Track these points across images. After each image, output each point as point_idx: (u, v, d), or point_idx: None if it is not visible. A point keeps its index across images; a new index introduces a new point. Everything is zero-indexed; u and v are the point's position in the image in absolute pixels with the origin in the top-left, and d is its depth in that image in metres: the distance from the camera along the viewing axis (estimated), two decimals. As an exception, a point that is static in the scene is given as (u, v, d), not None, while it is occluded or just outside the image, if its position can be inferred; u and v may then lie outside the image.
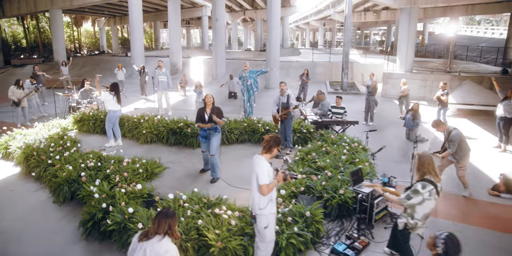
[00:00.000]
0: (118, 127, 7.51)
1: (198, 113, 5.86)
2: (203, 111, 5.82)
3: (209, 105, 5.78)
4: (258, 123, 7.86)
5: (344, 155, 6.65)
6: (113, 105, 7.33)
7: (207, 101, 5.78)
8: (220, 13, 17.69)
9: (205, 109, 5.84)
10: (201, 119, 5.81)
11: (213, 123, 5.81)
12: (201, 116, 5.82)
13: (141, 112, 10.10)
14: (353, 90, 17.72)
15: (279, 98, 7.17)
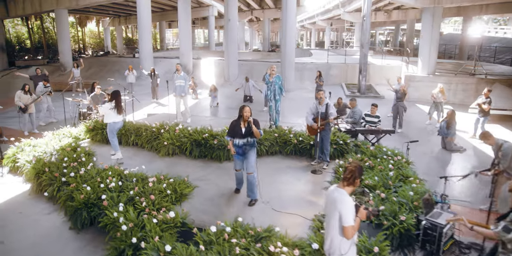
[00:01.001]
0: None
1: (232, 126, 5.14)
2: (238, 125, 5.10)
3: (246, 119, 5.05)
4: (289, 133, 7.16)
5: (391, 171, 5.96)
6: (113, 116, 6.61)
7: (245, 114, 5.03)
8: (232, 13, 17.01)
9: (240, 122, 5.11)
10: (235, 134, 5.09)
11: (250, 137, 5.12)
12: (235, 131, 5.10)
13: (156, 119, 9.42)
14: (370, 93, 17.00)
15: (316, 107, 6.46)
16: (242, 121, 5.10)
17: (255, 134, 5.07)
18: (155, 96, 14.40)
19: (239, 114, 5.11)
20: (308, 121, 6.45)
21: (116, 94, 6.67)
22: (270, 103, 8.30)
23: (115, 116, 6.70)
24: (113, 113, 6.62)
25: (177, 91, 8.66)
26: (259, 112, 12.59)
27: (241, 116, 5.08)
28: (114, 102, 6.61)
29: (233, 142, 5.15)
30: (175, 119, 8.90)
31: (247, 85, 13.94)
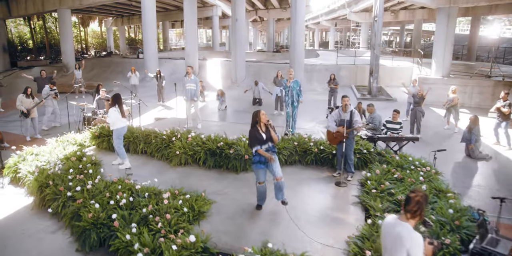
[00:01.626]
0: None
1: (253, 135, 4.72)
2: (258, 131, 4.72)
3: (264, 123, 4.67)
4: (309, 142, 6.69)
5: (423, 184, 5.49)
6: (120, 121, 6.24)
7: (263, 118, 4.64)
8: (240, 13, 16.55)
9: (259, 128, 4.72)
10: (259, 141, 4.66)
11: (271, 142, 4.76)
12: (258, 138, 4.68)
13: (164, 124, 8.98)
14: (382, 95, 16.52)
15: (339, 115, 6.00)
16: (259, 126, 4.71)
17: (273, 138, 4.75)
18: (161, 99, 13.96)
19: (253, 120, 4.78)
20: (331, 128, 5.98)
21: (117, 98, 6.26)
22: (287, 110, 7.83)
23: (121, 121, 6.30)
24: (119, 118, 6.23)
25: (188, 95, 8.20)
26: (269, 115, 12.08)
27: (257, 122, 4.73)
28: (117, 106, 6.20)
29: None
30: (185, 124, 8.43)
31: (257, 88, 13.49)
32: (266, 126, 4.77)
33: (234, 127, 8.84)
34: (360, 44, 35.76)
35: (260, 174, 4.82)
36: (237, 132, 8.05)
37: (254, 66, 18.32)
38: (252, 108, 13.43)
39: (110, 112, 6.17)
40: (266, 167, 4.82)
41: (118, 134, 6.29)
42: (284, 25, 53.23)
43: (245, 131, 8.04)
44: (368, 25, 35.62)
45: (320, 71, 18.12)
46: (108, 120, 6.23)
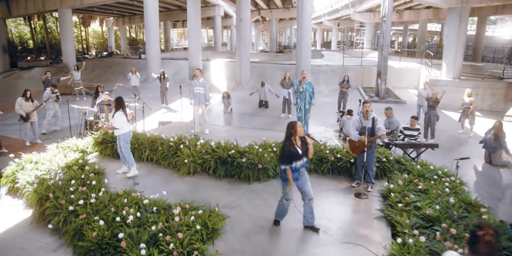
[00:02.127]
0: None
1: (287, 150, 4.25)
2: (294, 145, 4.26)
3: (300, 135, 4.24)
4: (325, 149, 6.32)
5: (450, 197, 5.11)
6: (127, 125, 5.95)
7: (299, 130, 4.24)
8: (245, 13, 16.18)
9: (293, 141, 4.28)
10: (293, 157, 4.24)
11: (305, 156, 4.37)
12: (294, 153, 4.24)
13: (170, 129, 8.61)
14: (390, 97, 16.15)
15: (360, 122, 5.62)
16: (295, 139, 4.29)
17: (309, 153, 4.34)
18: (165, 101, 13.58)
19: (288, 132, 4.33)
20: (354, 137, 5.60)
21: (121, 101, 5.91)
22: (299, 114, 7.46)
23: (127, 124, 5.96)
24: (125, 122, 5.89)
25: (196, 99, 7.82)
26: (277, 119, 11.80)
27: (292, 134, 4.29)
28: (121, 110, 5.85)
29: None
30: (191, 129, 8.05)
31: (263, 89, 13.12)
32: (301, 139, 4.34)
33: (242, 132, 8.46)
34: (364, 45, 35.37)
35: (291, 190, 4.40)
36: (247, 138, 7.68)
37: (258, 67, 17.94)
38: (259, 110, 13.07)
39: (117, 117, 5.80)
40: (297, 185, 4.41)
41: (125, 139, 5.94)
42: (286, 25, 52.88)
43: (254, 137, 7.68)
44: (373, 25, 35.28)
45: (326, 72, 17.74)
46: (116, 125, 5.84)
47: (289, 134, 4.31)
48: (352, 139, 5.64)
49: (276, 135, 7.92)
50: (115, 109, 5.86)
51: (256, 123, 11.27)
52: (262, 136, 7.87)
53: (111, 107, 6.02)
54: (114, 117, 5.82)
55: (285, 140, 4.35)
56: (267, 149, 6.14)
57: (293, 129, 4.28)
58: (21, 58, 29.59)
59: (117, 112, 5.83)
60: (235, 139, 6.49)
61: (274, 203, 5.17)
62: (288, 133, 4.33)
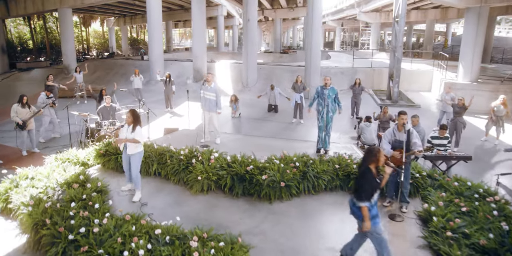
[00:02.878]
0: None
1: (370, 182, 3.56)
2: (373, 175, 3.59)
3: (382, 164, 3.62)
4: (352, 163, 5.71)
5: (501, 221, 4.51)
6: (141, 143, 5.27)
7: (382, 160, 3.59)
8: (252, 13, 15.58)
9: (372, 170, 3.60)
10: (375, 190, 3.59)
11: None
12: (376, 186, 3.58)
13: (178, 138, 8.01)
14: (402, 100, 15.53)
15: (392, 134, 5.01)
16: (373, 167, 3.63)
17: (382, 183, 3.71)
18: (169, 105, 12.98)
19: (369, 160, 3.62)
20: (386, 152, 4.99)
21: (137, 114, 5.26)
22: (320, 123, 6.84)
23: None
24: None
25: (206, 106, 7.20)
26: (288, 124, 11.20)
27: (373, 163, 3.61)
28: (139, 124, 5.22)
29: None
30: (201, 138, 7.44)
31: (272, 93, 12.51)
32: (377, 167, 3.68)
33: (255, 141, 7.86)
34: (370, 46, 34.76)
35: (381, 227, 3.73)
36: (261, 148, 7.09)
37: (265, 68, 17.33)
38: (268, 115, 12.47)
39: (139, 131, 5.12)
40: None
41: (140, 158, 5.30)
42: (288, 25, 52.27)
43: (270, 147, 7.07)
44: (378, 26, 34.66)
45: (336, 74, 17.11)
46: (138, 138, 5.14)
47: (369, 162, 3.61)
48: (384, 151, 5.03)
49: (295, 146, 7.33)
50: (133, 124, 5.16)
51: (266, 129, 10.67)
52: (277, 146, 7.30)
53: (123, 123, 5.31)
54: (136, 132, 5.10)
55: (363, 170, 3.62)
56: (289, 164, 5.53)
57: (375, 157, 3.58)
58: (21, 59, 29.02)
59: (138, 127, 5.16)
60: (253, 153, 5.87)
61: (301, 229, 4.58)
62: (367, 161, 3.63)
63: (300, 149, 7.06)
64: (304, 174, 5.45)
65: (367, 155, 3.66)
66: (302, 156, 5.88)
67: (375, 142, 8.98)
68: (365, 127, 8.95)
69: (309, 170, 5.47)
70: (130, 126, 5.16)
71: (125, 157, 5.32)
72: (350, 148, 7.31)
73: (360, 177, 3.62)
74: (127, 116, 5.20)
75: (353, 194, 3.65)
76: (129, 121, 5.17)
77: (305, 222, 4.76)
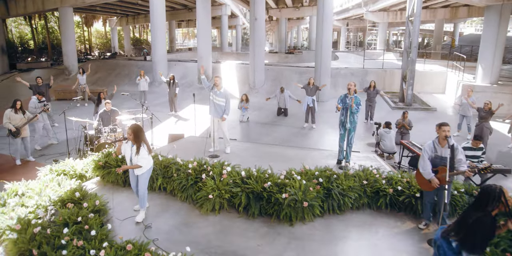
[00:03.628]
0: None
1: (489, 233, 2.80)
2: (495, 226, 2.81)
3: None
4: (381, 178, 5.07)
5: None
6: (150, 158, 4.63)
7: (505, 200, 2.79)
8: (259, 12, 14.95)
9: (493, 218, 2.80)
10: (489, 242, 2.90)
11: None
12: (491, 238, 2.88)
13: (183, 146, 7.39)
14: (416, 103, 14.86)
15: (433, 149, 4.36)
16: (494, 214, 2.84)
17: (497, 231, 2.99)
18: (174, 108, 12.36)
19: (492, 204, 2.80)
20: (426, 171, 4.32)
21: (140, 131, 4.54)
22: (341, 131, 6.19)
23: (150, 156, 4.66)
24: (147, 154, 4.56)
25: (215, 112, 6.59)
26: (299, 129, 10.57)
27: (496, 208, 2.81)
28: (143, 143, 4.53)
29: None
30: (210, 147, 6.81)
31: (282, 96, 11.87)
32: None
33: (267, 150, 7.21)
34: (378, 45, 34.07)
35: None
36: (275, 158, 6.48)
37: (273, 70, 16.69)
38: (277, 119, 11.83)
39: (143, 154, 4.44)
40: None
41: (148, 176, 4.68)
42: (293, 25, 51.60)
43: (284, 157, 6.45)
44: (386, 25, 33.96)
45: (346, 76, 16.48)
46: (141, 164, 4.49)
47: (492, 207, 2.81)
48: (424, 173, 4.36)
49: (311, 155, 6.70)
50: (136, 143, 4.47)
51: (276, 134, 10.04)
52: (293, 155, 6.68)
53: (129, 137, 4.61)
54: (141, 155, 4.44)
55: (483, 217, 2.79)
56: (311, 180, 4.90)
57: (499, 200, 2.78)
58: (22, 59, 28.53)
59: (142, 148, 4.47)
60: (270, 167, 5.24)
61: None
62: (489, 206, 2.81)
63: (319, 160, 6.44)
64: (329, 192, 4.82)
65: (489, 199, 2.83)
66: (324, 170, 5.24)
67: (395, 150, 8.35)
68: (384, 133, 8.33)
69: (334, 187, 4.84)
70: (134, 146, 4.52)
71: (132, 177, 4.69)
72: (373, 158, 6.67)
73: (477, 225, 2.81)
74: (128, 133, 4.53)
75: (461, 242, 2.83)
76: (131, 139, 4.52)
77: (333, 248, 4.14)
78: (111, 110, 8.11)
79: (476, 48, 32.73)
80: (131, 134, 4.48)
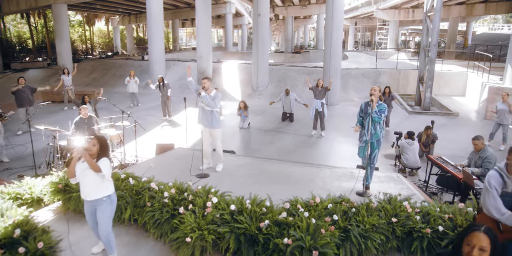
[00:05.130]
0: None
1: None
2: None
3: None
4: (413, 213, 3.86)
5: None
6: (111, 182, 3.50)
7: None
8: (263, 8, 13.79)
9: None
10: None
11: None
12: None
13: (168, 161, 6.25)
14: (434, 107, 13.57)
15: (501, 182, 3.07)
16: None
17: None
18: (167, 113, 11.24)
19: None
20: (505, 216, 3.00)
21: (106, 144, 3.45)
22: (362, 144, 4.97)
23: (111, 181, 3.54)
24: (110, 175, 3.45)
25: (205, 120, 5.43)
26: (306, 138, 9.37)
27: None
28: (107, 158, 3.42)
29: None
30: (200, 165, 5.64)
31: (288, 99, 10.69)
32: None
33: (268, 168, 5.99)
34: (388, 45, 32.72)
35: None
36: (277, 179, 5.30)
37: (278, 70, 15.49)
38: (282, 125, 10.64)
39: (105, 165, 3.33)
40: None
41: (111, 207, 3.51)
42: (299, 24, 50.36)
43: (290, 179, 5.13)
44: (397, 24, 32.58)
45: (357, 77, 15.23)
46: (104, 170, 3.28)
47: None
48: (503, 219, 3.05)
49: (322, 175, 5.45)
50: (99, 154, 3.38)
51: (280, 143, 8.86)
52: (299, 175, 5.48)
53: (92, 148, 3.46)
54: (100, 162, 3.31)
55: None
56: (323, 217, 3.71)
57: None
58: (19, 58, 27.70)
59: (103, 159, 3.36)
60: (268, 197, 4.05)
61: None
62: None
63: (331, 182, 5.25)
64: (346, 233, 3.63)
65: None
66: (340, 201, 4.05)
67: (419, 165, 7.12)
68: (407, 145, 7.10)
69: (353, 227, 3.65)
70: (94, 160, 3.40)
71: (87, 206, 3.55)
72: (398, 179, 5.43)
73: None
74: (92, 144, 3.40)
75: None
76: (94, 151, 3.38)
77: None
78: (89, 117, 7.02)
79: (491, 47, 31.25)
80: (96, 144, 3.36)
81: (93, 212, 3.47)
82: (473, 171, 5.40)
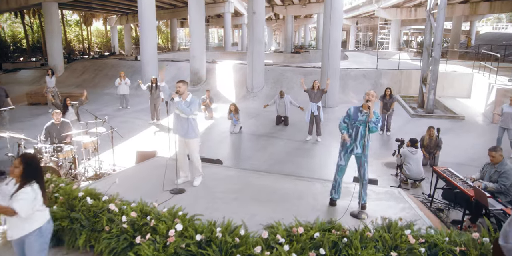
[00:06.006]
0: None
1: None
2: None
3: None
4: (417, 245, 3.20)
5: None
6: (42, 211, 2.90)
7: None
8: (258, 5, 13.15)
9: None
10: None
11: None
12: None
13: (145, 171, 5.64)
14: (438, 109, 12.90)
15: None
16: None
17: None
18: (155, 116, 10.64)
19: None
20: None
21: (34, 163, 2.83)
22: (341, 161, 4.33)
23: (44, 209, 2.91)
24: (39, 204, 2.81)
25: (180, 129, 4.81)
26: (301, 143, 8.74)
27: None
28: (34, 182, 2.79)
29: None
30: (176, 179, 5.00)
31: (282, 101, 10.05)
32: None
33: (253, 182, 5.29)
34: (390, 44, 32.02)
35: None
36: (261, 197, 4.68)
37: (274, 70, 14.84)
38: (276, 129, 10.01)
39: (25, 196, 2.66)
40: None
41: (42, 240, 2.89)
42: (299, 24, 49.72)
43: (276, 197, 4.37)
44: (399, 23, 31.89)
45: (357, 78, 14.58)
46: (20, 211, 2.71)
47: None
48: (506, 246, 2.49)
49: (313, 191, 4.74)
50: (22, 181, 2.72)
51: (273, 149, 8.23)
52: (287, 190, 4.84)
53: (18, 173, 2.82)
54: (19, 196, 2.67)
55: None
56: (307, 250, 3.07)
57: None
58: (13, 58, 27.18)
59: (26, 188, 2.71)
60: (243, 223, 3.40)
61: None
62: None
63: (321, 199, 4.60)
64: (335, 270, 3.00)
65: None
66: (329, 228, 3.40)
67: (423, 176, 6.48)
68: (409, 154, 6.46)
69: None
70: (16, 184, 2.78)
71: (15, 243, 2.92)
72: (399, 196, 4.77)
73: None
74: (14, 165, 2.78)
75: None
76: (16, 173, 2.76)
77: None
78: (61, 123, 6.43)
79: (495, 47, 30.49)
80: (18, 165, 2.72)
81: (21, 249, 2.85)
82: (487, 185, 4.76)
